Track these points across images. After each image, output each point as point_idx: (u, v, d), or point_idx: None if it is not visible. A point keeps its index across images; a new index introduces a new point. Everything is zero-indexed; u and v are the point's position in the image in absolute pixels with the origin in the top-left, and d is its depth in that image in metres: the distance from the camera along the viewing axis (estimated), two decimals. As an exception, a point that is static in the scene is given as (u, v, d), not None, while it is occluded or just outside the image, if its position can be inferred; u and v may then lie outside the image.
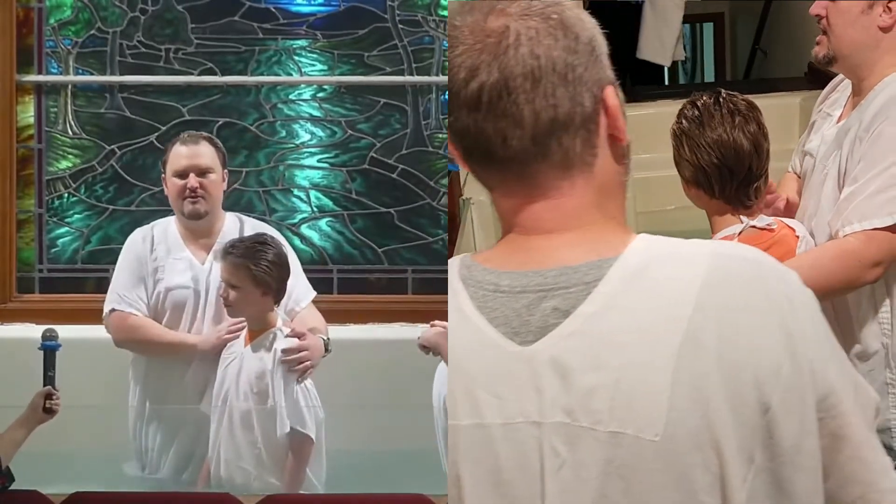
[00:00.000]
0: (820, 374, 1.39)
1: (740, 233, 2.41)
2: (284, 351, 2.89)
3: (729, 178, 2.38)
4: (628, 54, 5.83)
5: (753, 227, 2.42)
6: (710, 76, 8.08)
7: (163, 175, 3.14)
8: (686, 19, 5.98)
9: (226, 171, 3.17)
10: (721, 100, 2.40)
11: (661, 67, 6.26)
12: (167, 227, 3.16)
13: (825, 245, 2.43)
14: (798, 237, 2.45)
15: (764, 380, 1.35)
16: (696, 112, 2.39)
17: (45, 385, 2.76)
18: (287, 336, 2.93)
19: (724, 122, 2.37)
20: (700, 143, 2.37)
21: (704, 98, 2.41)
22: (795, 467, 1.37)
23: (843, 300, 2.50)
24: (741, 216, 2.42)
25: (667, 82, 7.50)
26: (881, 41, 2.43)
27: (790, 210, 2.62)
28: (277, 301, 2.96)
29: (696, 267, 1.37)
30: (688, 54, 7.91)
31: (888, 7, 2.41)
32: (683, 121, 2.40)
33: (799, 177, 2.72)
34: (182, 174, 3.06)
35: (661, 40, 5.66)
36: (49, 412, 2.74)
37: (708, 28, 7.99)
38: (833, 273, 2.34)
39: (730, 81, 7.24)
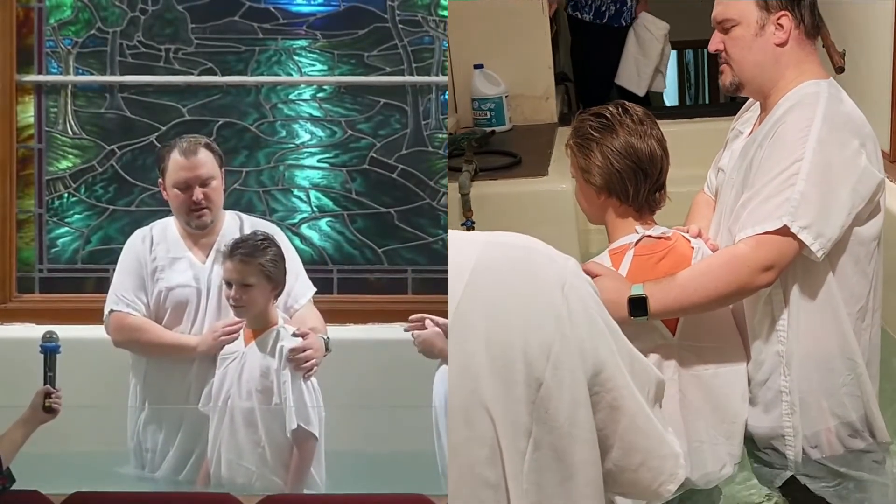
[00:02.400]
0: (591, 351, 1.52)
1: (637, 242, 2.45)
2: (292, 350, 2.90)
3: (644, 181, 2.44)
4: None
5: (649, 236, 2.45)
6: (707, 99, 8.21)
7: (160, 180, 3.14)
8: (688, 45, 6.08)
9: (223, 170, 3.17)
10: (627, 109, 2.47)
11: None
12: (166, 227, 3.16)
13: (718, 252, 2.47)
14: (693, 248, 2.48)
15: (534, 357, 1.47)
16: (605, 121, 2.46)
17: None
18: (292, 336, 2.93)
19: (636, 128, 2.44)
20: (614, 148, 2.42)
21: (611, 108, 2.48)
22: (573, 439, 1.50)
23: (740, 309, 2.53)
24: (636, 226, 2.45)
25: (677, 103, 7.72)
26: (780, 56, 2.49)
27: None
28: (277, 297, 2.97)
29: (469, 255, 1.50)
30: (691, 80, 8.06)
31: (779, 24, 2.48)
32: (592, 131, 2.45)
33: (714, 196, 2.74)
34: (185, 187, 3.06)
35: (637, 70, 5.80)
36: (50, 411, 2.73)
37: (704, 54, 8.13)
38: (723, 279, 2.37)
39: (722, 103, 7.45)
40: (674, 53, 7.33)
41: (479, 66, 4.97)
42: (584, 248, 4.09)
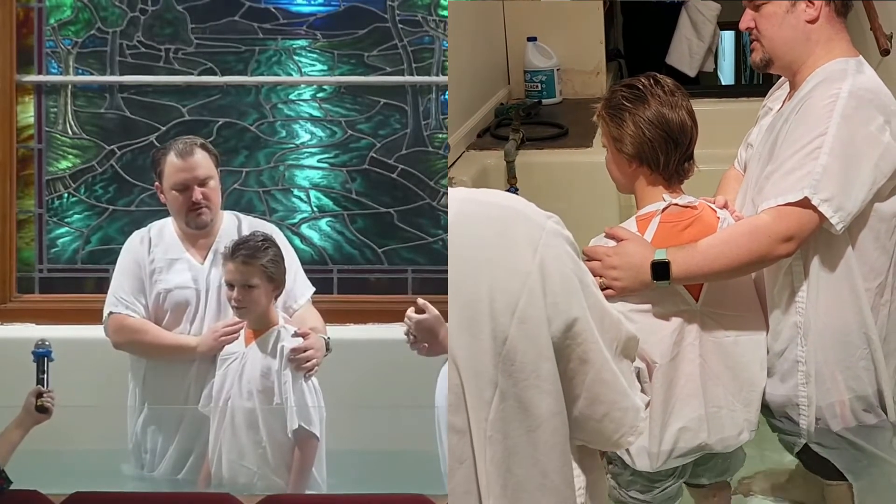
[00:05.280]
0: (563, 305, 1.57)
1: (664, 209, 2.50)
2: (293, 350, 2.90)
3: (674, 150, 2.48)
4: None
5: (676, 204, 2.50)
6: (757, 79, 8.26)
7: (157, 184, 3.14)
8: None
9: (220, 170, 3.17)
10: (658, 80, 2.52)
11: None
12: (164, 228, 3.16)
13: (740, 222, 2.52)
14: (719, 218, 2.53)
15: (500, 312, 1.53)
16: (638, 91, 2.50)
17: None
18: (293, 336, 2.94)
19: (667, 99, 2.49)
20: (645, 118, 2.47)
21: (642, 80, 2.52)
22: (539, 390, 1.56)
23: (762, 279, 2.57)
24: (665, 194, 2.50)
25: (732, 82, 7.74)
26: (811, 33, 2.52)
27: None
28: (278, 297, 2.97)
29: (449, 211, 1.57)
30: (748, 62, 8.12)
31: (810, 1, 2.50)
32: (624, 101, 2.50)
33: (743, 171, 2.78)
34: (183, 188, 3.06)
35: (690, 51, 5.79)
36: (43, 411, 2.73)
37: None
38: (744, 247, 2.41)
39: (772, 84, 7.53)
40: (732, 34, 7.31)
41: (532, 39, 5.04)
42: (624, 216, 4.13)
